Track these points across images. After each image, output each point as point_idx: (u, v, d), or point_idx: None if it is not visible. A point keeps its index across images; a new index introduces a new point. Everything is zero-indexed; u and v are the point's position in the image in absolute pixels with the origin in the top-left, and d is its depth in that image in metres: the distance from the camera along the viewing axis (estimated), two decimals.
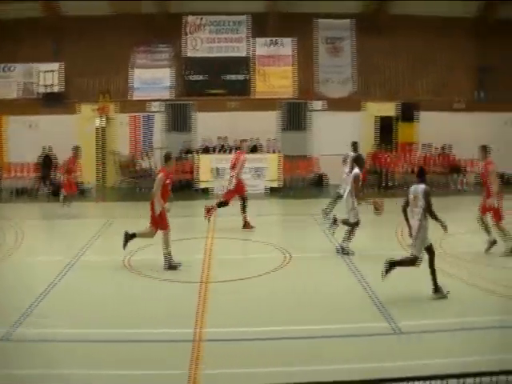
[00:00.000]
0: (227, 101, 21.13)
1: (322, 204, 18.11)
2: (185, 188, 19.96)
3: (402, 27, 21.75)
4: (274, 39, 21.38)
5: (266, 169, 19.77)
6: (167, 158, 11.72)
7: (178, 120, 21.29)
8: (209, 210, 14.21)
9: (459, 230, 13.72)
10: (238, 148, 20.48)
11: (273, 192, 19.76)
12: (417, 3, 21.27)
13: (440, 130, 20.86)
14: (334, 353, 7.47)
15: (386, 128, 21.43)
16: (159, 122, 21.34)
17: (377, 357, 7.28)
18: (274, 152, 20.35)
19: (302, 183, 20.70)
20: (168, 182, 11.07)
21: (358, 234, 12.06)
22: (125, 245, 11.12)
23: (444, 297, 9.10)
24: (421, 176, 9.35)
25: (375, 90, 21.68)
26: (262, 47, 21.36)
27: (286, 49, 21.34)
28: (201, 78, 21.49)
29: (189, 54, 21.54)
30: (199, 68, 21.48)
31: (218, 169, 19.94)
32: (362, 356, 7.30)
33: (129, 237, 11.17)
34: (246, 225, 14.20)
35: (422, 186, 9.15)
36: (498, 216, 11.58)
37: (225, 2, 20.83)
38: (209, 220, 14.22)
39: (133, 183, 20.66)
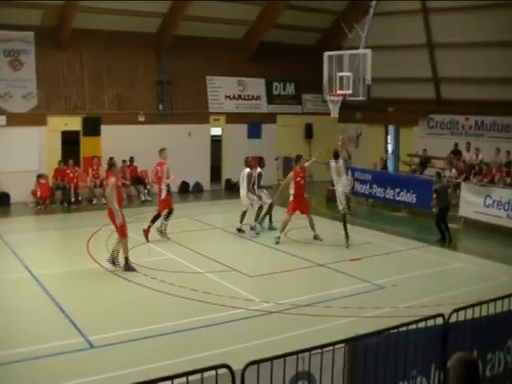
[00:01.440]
0: None
1: (5, 224, 18.05)
2: None
3: (86, 41, 22.35)
4: None
5: None
6: (111, 164, 12.47)
7: None
8: (146, 232, 15.05)
9: (143, 239, 15.32)
10: None
11: None
12: (100, 18, 22.04)
13: (123, 142, 22.17)
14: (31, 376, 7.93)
15: (71, 142, 21.86)
16: None
17: (75, 373, 7.86)
18: None
19: None
20: (119, 184, 12.27)
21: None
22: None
23: None
24: None
25: (59, 104, 21.85)
26: None
27: None
28: None
29: None
30: None
31: None
32: (60, 375, 7.85)
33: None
34: (146, 232, 15.12)
35: None
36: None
37: None
38: (148, 241, 15.03)
39: None
